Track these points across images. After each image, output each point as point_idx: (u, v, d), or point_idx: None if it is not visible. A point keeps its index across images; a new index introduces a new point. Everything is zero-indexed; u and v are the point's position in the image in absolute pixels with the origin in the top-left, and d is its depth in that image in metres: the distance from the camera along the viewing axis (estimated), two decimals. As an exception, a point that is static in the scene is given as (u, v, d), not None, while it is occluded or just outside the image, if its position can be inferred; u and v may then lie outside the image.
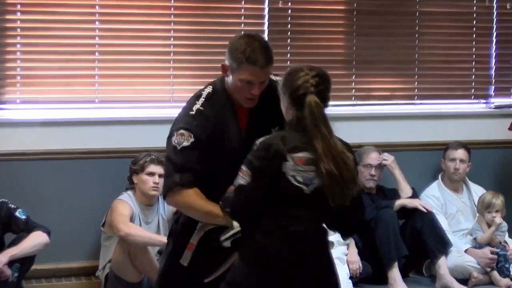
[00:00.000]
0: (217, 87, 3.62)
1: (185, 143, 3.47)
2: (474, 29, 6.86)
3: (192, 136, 3.47)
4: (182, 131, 3.49)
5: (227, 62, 3.55)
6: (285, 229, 3.24)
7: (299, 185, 3.22)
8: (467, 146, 6.45)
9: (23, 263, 5.15)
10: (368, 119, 6.58)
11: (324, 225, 3.44)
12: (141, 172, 5.53)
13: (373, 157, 6.27)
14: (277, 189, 3.23)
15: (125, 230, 5.31)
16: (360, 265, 5.86)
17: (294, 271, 3.25)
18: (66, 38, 5.85)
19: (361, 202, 3.45)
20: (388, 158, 6.29)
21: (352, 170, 3.28)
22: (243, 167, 3.26)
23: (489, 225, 6.19)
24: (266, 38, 6.27)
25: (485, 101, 6.94)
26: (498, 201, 6.19)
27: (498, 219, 6.15)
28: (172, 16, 6.10)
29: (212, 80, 3.73)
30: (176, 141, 3.48)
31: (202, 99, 3.58)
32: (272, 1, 6.28)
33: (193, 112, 3.54)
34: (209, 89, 3.62)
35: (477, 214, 6.28)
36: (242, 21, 6.26)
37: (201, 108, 3.54)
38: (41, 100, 5.87)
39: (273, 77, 3.64)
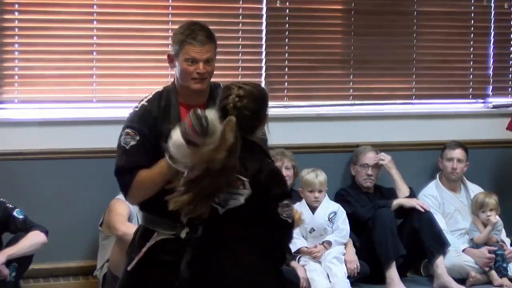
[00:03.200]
0: (167, 87, 3.74)
1: (133, 142, 3.63)
2: (472, 28, 6.86)
3: (137, 133, 3.61)
4: (128, 130, 3.64)
5: (171, 52, 3.68)
6: None
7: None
8: (465, 145, 6.46)
9: (20, 263, 5.15)
10: (366, 118, 6.58)
11: None
12: (139, 172, 5.52)
13: (370, 157, 6.28)
14: None
15: (123, 230, 5.31)
16: (358, 264, 5.87)
17: None
18: (64, 38, 5.85)
19: None
20: (385, 158, 6.30)
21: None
22: None
23: (484, 225, 6.20)
24: (264, 38, 6.30)
25: (482, 100, 6.94)
26: (492, 200, 6.20)
27: (494, 218, 6.16)
28: (170, 15, 6.10)
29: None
30: (124, 142, 3.65)
31: (149, 96, 3.72)
32: (270, 0, 6.29)
33: (137, 108, 3.69)
34: (159, 89, 3.75)
35: (473, 215, 6.29)
36: (240, 20, 6.27)
37: (145, 103, 3.68)
38: (39, 100, 5.87)
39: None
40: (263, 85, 6.24)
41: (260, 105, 3.30)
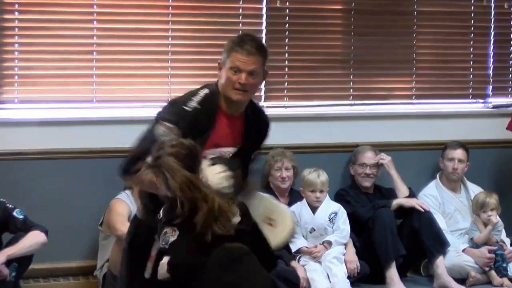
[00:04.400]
0: (212, 89, 3.68)
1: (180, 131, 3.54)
2: (472, 28, 6.86)
3: (177, 128, 3.53)
4: (170, 125, 3.55)
5: (222, 59, 3.66)
6: None
7: None
8: (466, 146, 6.46)
9: (20, 263, 5.14)
10: (366, 118, 6.58)
11: None
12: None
13: (368, 156, 6.28)
14: None
15: (123, 230, 5.29)
16: (358, 264, 5.86)
17: None
18: (64, 38, 5.85)
19: None
20: (385, 158, 6.30)
21: None
22: None
23: (485, 225, 6.20)
24: (264, 38, 6.30)
25: (483, 100, 6.94)
26: (492, 200, 6.20)
27: (495, 217, 6.16)
28: (170, 15, 6.10)
29: (209, 80, 3.77)
30: (159, 132, 3.54)
31: (199, 98, 3.62)
32: (270, 0, 6.29)
33: (189, 109, 3.58)
34: (206, 90, 3.67)
35: (474, 215, 6.29)
36: (240, 20, 6.27)
37: (198, 106, 3.59)
38: (39, 100, 5.87)
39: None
40: (262, 85, 6.26)
41: (190, 161, 3.37)
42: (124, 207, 5.51)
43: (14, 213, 5.18)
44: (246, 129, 3.72)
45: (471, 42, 6.87)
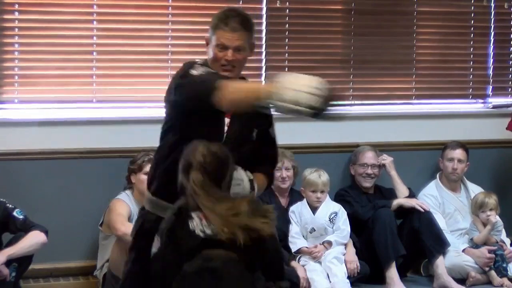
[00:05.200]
0: (204, 62, 3.69)
1: (207, 69, 3.57)
2: (472, 28, 6.86)
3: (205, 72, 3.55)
4: (197, 65, 3.60)
5: (208, 35, 3.69)
6: None
7: None
8: (466, 146, 6.46)
9: (20, 263, 5.15)
10: (366, 119, 6.58)
11: None
12: (139, 172, 5.53)
13: (368, 156, 6.28)
14: None
15: (123, 230, 5.31)
16: (358, 264, 5.87)
17: None
18: (64, 38, 5.85)
19: None
20: (387, 159, 6.30)
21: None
22: None
23: (484, 225, 6.21)
24: (264, 38, 6.30)
25: (482, 100, 6.94)
26: (491, 200, 6.20)
27: (493, 217, 6.17)
28: (170, 15, 6.10)
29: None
30: (197, 72, 3.56)
31: (200, 63, 3.67)
32: (270, 0, 6.29)
33: (199, 61, 3.66)
34: (199, 60, 3.71)
35: (473, 215, 6.30)
36: (240, 20, 6.26)
37: (205, 69, 3.61)
38: (39, 100, 5.87)
39: None
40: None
41: (223, 166, 3.41)
42: (124, 207, 5.51)
43: (14, 213, 5.18)
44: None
45: (471, 42, 6.87)
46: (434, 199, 6.38)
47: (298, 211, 5.95)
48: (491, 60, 6.91)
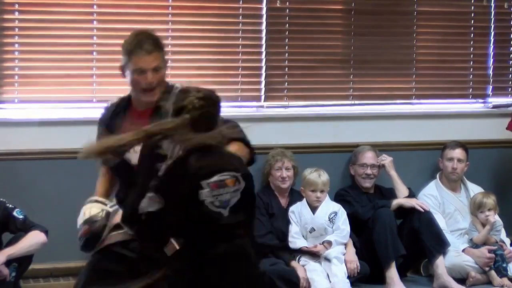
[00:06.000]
0: (126, 95, 3.83)
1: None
2: (472, 28, 6.86)
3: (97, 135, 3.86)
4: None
5: (122, 63, 3.72)
6: None
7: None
8: (465, 145, 6.46)
9: (20, 263, 5.15)
10: (366, 118, 6.58)
11: None
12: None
13: (368, 156, 6.28)
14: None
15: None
16: (358, 264, 5.87)
17: None
18: (64, 38, 5.85)
19: None
20: (386, 159, 6.30)
21: None
22: None
23: (483, 225, 6.21)
24: (264, 38, 6.30)
25: (482, 100, 6.94)
26: (490, 200, 6.20)
27: (492, 217, 6.17)
28: (170, 16, 6.10)
29: (209, 79, 3.79)
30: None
31: (108, 105, 3.87)
32: (270, 0, 6.29)
33: (100, 115, 3.91)
34: (123, 95, 3.84)
35: (471, 215, 6.30)
36: (240, 20, 6.27)
37: (108, 105, 3.87)
38: (39, 100, 5.87)
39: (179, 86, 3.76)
40: (263, 85, 6.27)
41: (216, 108, 3.35)
42: (124, 207, 5.51)
43: (14, 213, 5.19)
44: (156, 117, 3.68)
45: (471, 42, 6.87)
46: (434, 199, 6.38)
47: (298, 211, 5.95)
48: (491, 60, 6.91)
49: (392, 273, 5.84)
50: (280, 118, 6.22)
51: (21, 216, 5.19)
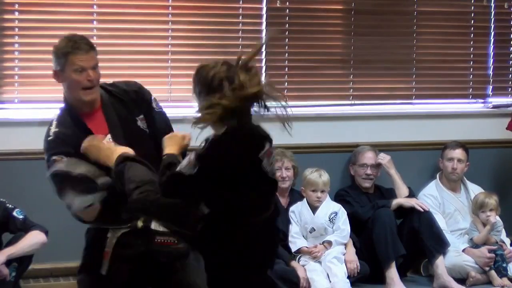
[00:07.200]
0: (62, 109, 3.86)
1: (64, 168, 3.61)
2: (472, 28, 6.87)
3: (63, 156, 3.65)
4: (53, 157, 3.67)
5: (56, 68, 3.75)
6: None
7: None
8: (465, 145, 6.46)
9: (20, 263, 5.15)
10: (366, 118, 6.58)
11: None
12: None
13: (368, 157, 6.28)
14: None
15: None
16: (358, 264, 5.87)
17: None
18: (64, 38, 5.85)
19: None
20: (384, 158, 6.30)
21: None
22: None
23: (484, 225, 6.21)
24: (264, 38, 6.30)
25: (483, 100, 6.95)
26: (491, 200, 6.20)
27: (493, 218, 6.17)
28: (170, 15, 6.11)
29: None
30: (55, 172, 3.64)
31: (54, 123, 3.81)
32: (270, 0, 6.29)
33: (51, 136, 3.75)
34: (55, 116, 3.85)
35: (473, 215, 6.30)
36: (240, 20, 6.27)
37: (56, 129, 3.76)
38: (39, 100, 5.87)
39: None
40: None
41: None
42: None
43: (14, 213, 5.19)
44: (111, 114, 3.77)
45: (471, 42, 6.87)
46: (434, 199, 6.38)
47: (298, 211, 5.95)
48: (491, 60, 6.91)
49: (392, 273, 5.84)
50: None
51: (21, 216, 5.19)
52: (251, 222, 3.12)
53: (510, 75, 7.02)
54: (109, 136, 3.69)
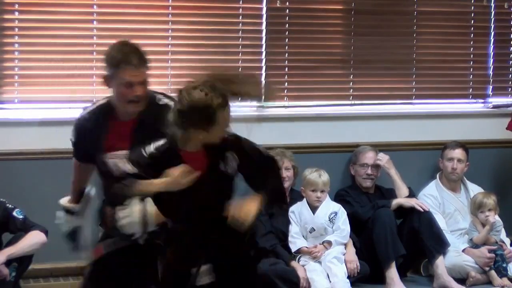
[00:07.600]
0: (110, 100, 3.84)
1: (72, 139, 4.00)
2: (472, 28, 6.87)
3: (73, 137, 3.97)
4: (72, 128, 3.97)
5: (106, 73, 3.75)
6: None
7: None
8: (465, 145, 6.46)
9: (20, 263, 5.16)
10: (366, 119, 6.58)
11: None
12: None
13: (369, 156, 6.28)
14: None
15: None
16: (358, 264, 5.87)
17: None
18: (64, 38, 5.85)
19: None
20: (383, 158, 6.30)
21: None
22: None
23: (483, 225, 6.21)
24: (264, 38, 6.30)
25: (483, 100, 6.95)
26: (490, 200, 6.20)
27: (492, 218, 6.17)
28: (170, 15, 6.11)
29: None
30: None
31: (90, 109, 3.90)
32: (270, 0, 6.29)
33: (77, 120, 3.95)
34: (103, 100, 3.88)
35: (472, 216, 6.30)
36: (240, 20, 6.27)
37: (86, 115, 3.90)
38: (39, 100, 5.88)
39: (163, 98, 3.86)
40: (263, 85, 6.26)
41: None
42: (124, 207, 5.51)
43: (14, 213, 5.19)
44: (140, 128, 3.75)
45: (471, 42, 6.87)
46: (434, 199, 6.38)
47: (298, 211, 5.95)
48: (491, 60, 6.91)
49: (392, 273, 5.84)
50: (280, 118, 6.21)
51: (21, 216, 5.19)
52: None
53: (510, 75, 7.02)
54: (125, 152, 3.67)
